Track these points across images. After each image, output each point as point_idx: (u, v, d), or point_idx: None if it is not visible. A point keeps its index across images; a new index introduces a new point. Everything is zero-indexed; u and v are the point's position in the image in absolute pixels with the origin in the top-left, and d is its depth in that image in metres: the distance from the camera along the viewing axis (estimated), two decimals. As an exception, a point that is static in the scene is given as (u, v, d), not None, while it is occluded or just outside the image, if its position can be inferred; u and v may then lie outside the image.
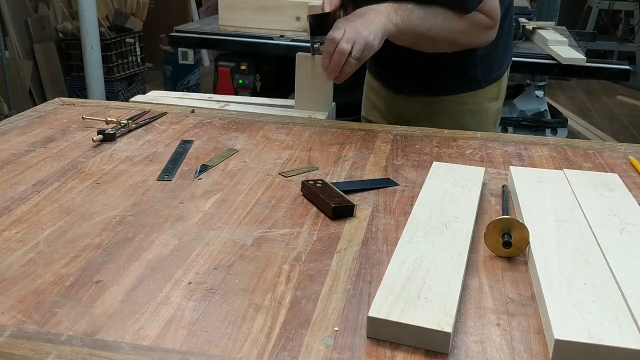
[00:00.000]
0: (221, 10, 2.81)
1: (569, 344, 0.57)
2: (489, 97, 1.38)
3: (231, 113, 1.32)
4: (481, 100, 1.37)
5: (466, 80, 1.31)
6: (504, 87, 1.42)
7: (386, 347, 0.60)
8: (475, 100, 1.36)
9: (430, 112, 1.36)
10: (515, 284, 0.71)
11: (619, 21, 6.15)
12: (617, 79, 3.16)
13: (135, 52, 4.43)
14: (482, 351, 0.59)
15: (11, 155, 1.04)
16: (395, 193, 0.95)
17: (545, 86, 3.59)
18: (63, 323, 0.62)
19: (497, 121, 1.43)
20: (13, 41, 3.93)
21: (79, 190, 0.92)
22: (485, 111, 1.38)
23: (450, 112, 1.35)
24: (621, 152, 1.14)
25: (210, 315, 0.64)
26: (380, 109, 1.48)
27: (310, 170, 1.02)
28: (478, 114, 1.36)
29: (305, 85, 1.31)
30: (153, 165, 1.02)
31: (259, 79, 2.84)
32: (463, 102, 1.35)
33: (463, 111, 1.35)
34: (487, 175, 1.01)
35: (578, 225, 0.80)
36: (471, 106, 1.36)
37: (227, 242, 0.78)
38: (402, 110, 1.41)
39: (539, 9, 3.87)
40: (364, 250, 0.77)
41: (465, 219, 0.82)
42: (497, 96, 1.40)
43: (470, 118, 1.34)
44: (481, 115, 1.37)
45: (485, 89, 1.36)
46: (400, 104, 1.41)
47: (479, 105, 1.37)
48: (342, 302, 0.66)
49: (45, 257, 0.74)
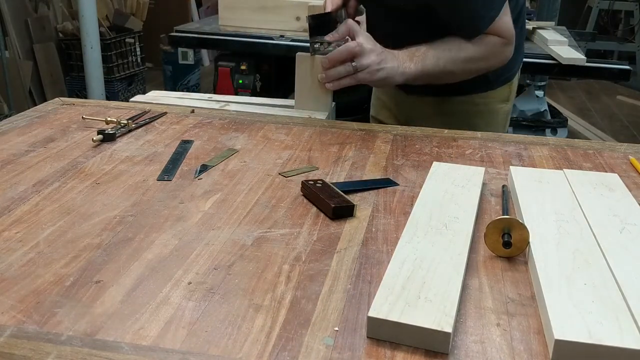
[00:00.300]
0: (221, 10, 2.81)
1: (569, 344, 0.57)
2: (499, 98, 1.38)
3: (231, 113, 1.32)
4: (492, 101, 1.37)
5: (478, 80, 1.30)
6: (514, 89, 1.42)
7: (386, 347, 0.60)
8: (486, 102, 1.36)
9: (440, 112, 1.36)
10: (515, 284, 0.71)
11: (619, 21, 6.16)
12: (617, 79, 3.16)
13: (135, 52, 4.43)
14: (482, 351, 0.59)
15: (11, 155, 1.04)
16: (395, 193, 0.95)
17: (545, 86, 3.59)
18: (63, 323, 0.62)
19: (506, 123, 1.43)
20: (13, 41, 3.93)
21: (79, 190, 0.92)
22: (495, 112, 1.38)
23: (461, 113, 1.35)
24: (621, 152, 1.14)
25: (210, 315, 0.64)
26: (390, 109, 1.48)
27: (310, 170, 1.02)
28: (488, 115, 1.36)
29: (305, 85, 1.31)
30: (153, 165, 1.02)
31: (259, 79, 2.84)
32: (474, 102, 1.35)
33: (473, 112, 1.35)
34: (487, 175, 1.01)
35: (578, 225, 0.80)
36: (482, 107, 1.36)
37: (227, 242, 0.78)
38: (413, 110, 1.41)
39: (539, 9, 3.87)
40: (364, 250, 0.77)
41: (465, 219, 0.82)
42: (507, 98, 1.40)
43: (480, 119, 1.34)
44: (491, 116, 1.37)
45: (497, 90, 1.37)
46: (411, 104, 1.41)
47: (489, 107, 1.37)
48: (342, 302, 0.66)
49: (45, 257, 0.74)
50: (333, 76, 1.16)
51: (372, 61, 1.13)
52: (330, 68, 1.16)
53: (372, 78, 1.15)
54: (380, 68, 1.14)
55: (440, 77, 1.22)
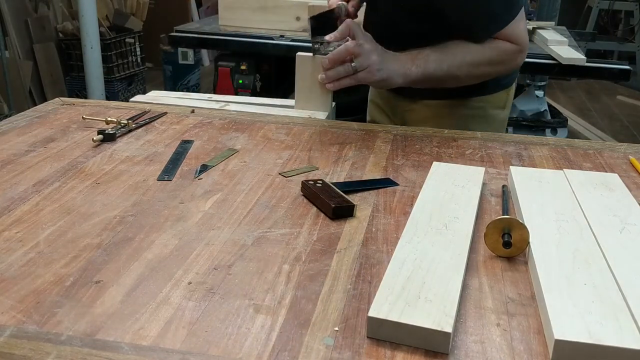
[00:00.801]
0: (221, 10, 2.81)
1: (569, 344, 0.57)
2: (496, 104, 1.37)
3: (231, 113, 1.32)
4: (488, 106, 1.36)
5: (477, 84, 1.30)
6: (511, 97, 1.40)
7: (386, 347, 0.60)
8: (482, 106, 1.35)
9: (435, 116, 1.34)
10: (515, 284, 0.71)
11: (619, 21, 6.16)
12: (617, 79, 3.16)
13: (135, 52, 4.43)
14: (482, 351, 0.59)
15: (11, 155, 1.04)
16: (395, 193, 0.95)
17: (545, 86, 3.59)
18: (63, 323, 0.62)
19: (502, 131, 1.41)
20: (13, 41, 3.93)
21: (79, 190, 0.92)
22: (491, 119, 1.37)
23: (457, 117, 1.33)
24: (621, 152, 1.14)
25: (210, 315, 0.64)
26: (386, 112, 1.48)
27: (310, 170, 1.02)
28: (484, 121, 1.35)
29: (305, 85, 1.31)
30: (153, 165, 1.02)
31: (259, 79, 2.84)
32: (471, 106, 1.34)
33: (469, 116, 1.34)
34: (487, 175, 1.01)
35: (578, 225, 0.80)
36: (478, 111, 1.35)
37: (227, 242, 0.78)
38: (408, 114, 1.40)
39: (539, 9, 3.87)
40: (364, 250, 0.77)
41: (465, 219, 0.82)
42: (504, 105, 1.39)
43: (476, 124, 1.33)
44: (487, 122, 1.35)
45: (494, 95, 1.35)
46: (406, 108, 1.41)
47: (485, 112, 1.36)
48: (342, 302, 0.66)
49: (45, 257, 0.74)
50: (333, 76, 1.16)
51: (372, 61, 1.13)
52: (330, 69, 1.16)
53: (372, 78, 1.15)
54: (380, 68, 1.14)
55: (444, 80, 1.20)
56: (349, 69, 1.14)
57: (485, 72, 1.22)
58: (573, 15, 5.86)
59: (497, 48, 1.19)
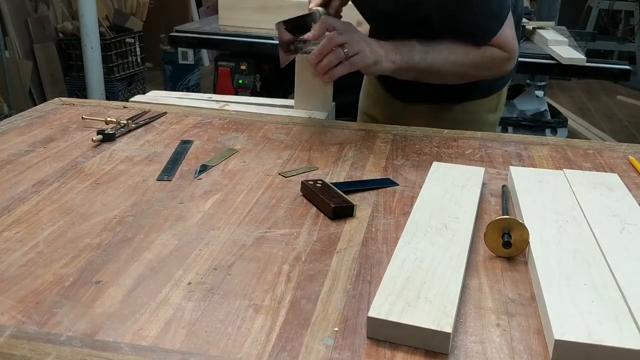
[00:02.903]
0: (221, 10, 2.81)
1: (569, 344, 0.57)
2: (487, 107, 1.37)
3: (231, 113, 1.32)
4: (480, 110, 1.35)
5: (470, 87, 1.28)
6: (502, 100, 1.41)
7: (386, 347, 0.60)
8: (475, 110, 1.35)
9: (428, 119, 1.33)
10: (515, 284, 0.71)
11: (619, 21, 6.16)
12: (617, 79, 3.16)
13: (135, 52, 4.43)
14: (482, 351, 0.59)
15: (11, 155, 1.04)
16: (395, 193, 0.95)
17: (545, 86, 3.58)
18: (63, 323, 0.62)
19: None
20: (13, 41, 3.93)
21: (78, 190, 0.92)
22: (482, 122, 1.37)
23: (448, 121, 1.32)
24: (621, 152, 1.14)
25: (210, 315, 0.64)
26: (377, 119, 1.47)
27: (310, 170, 1.02)
28: (475, 124, 1.34)
29: (305, 85, 1.31)
30: (153, 166, 1.02)
31: (259, 79, 2.84)
32: (465, 110, 1.34)
33: (461, 120, 1.33)
34: (487, 175, 1.01)
35: (578, 225, 0.80)
36: (470, 115, 1.34)
37: (227, 242, 0.78)
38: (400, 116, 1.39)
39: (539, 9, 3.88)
40: (364, 250, 0.77)
41: (465, 219, 0.82)
42: (495, 108, 1.39)
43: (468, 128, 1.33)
44: (478, 125, 1.34)
45: (486, 98, 1.35)
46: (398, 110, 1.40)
47: (477, 115, 1.35)
48: (342, 302, 0.66)
49: (45, 257, 0.74)
50: (326, 66, 1.11)
51: (362, 45, 1.10)
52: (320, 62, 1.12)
53: (366, 61, 1.11)
54: (371, 50, 1.12)
55: (428, 73, 1.18)
56: (341, 54, 1.09)
57: (469, 74, 1.21)
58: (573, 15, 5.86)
59: (484, 53, 1.18)
